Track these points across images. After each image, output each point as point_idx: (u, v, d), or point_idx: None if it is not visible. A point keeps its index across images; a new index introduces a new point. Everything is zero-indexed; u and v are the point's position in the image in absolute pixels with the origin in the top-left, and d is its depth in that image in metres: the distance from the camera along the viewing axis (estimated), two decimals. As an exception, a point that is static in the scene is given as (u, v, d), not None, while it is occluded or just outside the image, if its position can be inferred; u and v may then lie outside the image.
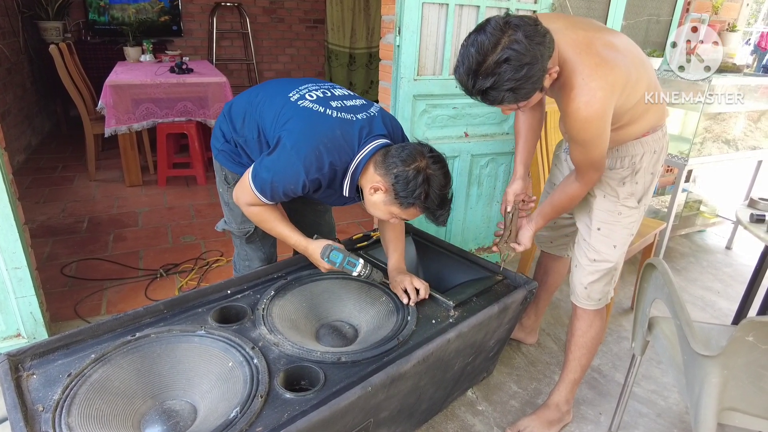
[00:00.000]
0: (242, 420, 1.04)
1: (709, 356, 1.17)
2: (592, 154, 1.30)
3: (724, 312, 2.46)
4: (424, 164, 1.27)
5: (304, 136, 1.29)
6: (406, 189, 1.26)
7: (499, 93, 1.11)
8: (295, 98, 1.38)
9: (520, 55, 1.07)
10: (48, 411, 1.03)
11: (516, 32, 1.07)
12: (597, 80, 1.19)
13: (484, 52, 1.08)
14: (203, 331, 1.29)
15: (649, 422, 1.75)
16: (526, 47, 1.07)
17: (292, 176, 1.29)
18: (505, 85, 1.09)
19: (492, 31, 1.08)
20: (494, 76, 1.09)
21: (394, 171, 1.27)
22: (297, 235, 1.47)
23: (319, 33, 6.20)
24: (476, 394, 1.81)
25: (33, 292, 1.77)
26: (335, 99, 1.39)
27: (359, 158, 1.33)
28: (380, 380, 1.14)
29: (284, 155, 1.29)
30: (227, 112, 1.53)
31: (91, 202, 3.27)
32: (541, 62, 1.10)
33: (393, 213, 1.34)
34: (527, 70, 1.08)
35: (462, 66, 1.13)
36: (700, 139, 2.69)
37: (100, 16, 5.15)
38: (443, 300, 1.51)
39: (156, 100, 3.34)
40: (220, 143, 1.55)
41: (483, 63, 1.09)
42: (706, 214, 3.29)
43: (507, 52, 1.07)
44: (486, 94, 1.13)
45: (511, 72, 1.08)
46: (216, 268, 2.52)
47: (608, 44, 1.25)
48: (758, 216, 1.74)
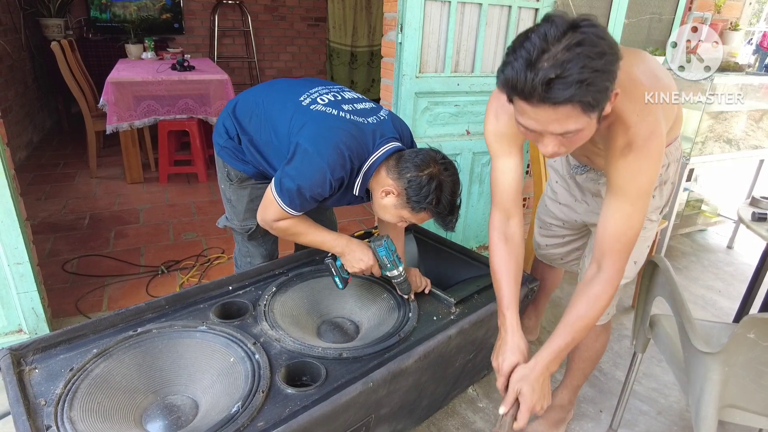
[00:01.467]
0: (244, 415, 1.04)
1: (710, 353, 1.17)
2: (636, 219, 1.06)
3: (725, 311, 2.46)
4: (437, 170, 1.28)
5: (323, 138, 1.29)
6: (419, 194, 1.27)
7: (567, 85, 0.83)
8: (306, 102, 1.38)
9: (596, 40, 0.83)
10: (50, 405, 1.03)
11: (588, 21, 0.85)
12: (652, 114, 1.02)
13: (549, 39, 0.84)
14: (205, 326, 1.29)
15: (649, 420, 1.75)
16: (603, 32, 0.85)
17: (319, 178, 1.29)
18: (577, 74, 0.82)
19: (558, 22, 0.86)
20: (563, 64, 0.82)
21: (407, 176, 1.28)
22: (336, 236, 1.45)
23: (320, 31, 6.19)
24: (477, 391, 1.82)
25: (35, 287, 1.77)
26: (346, 102, 1.40)
27: (374, 158, 1.33)
28: (381, 376, 1.14)
29: (306, 159, 1.29)
30: (231, 110, 1.52)
31: (92, 199, 3.27)
32: (617, 58, 0.86)
33: (403, 216, 1.35)
34: (605, 60, 0.83)
35: (516, 60, 0.86)
36: (702, 139, 2.68)
37: (101, 14, 5.15)
38: (445, 297, 1.51)
39: (157, 98, 3.34)
40: (223, 140, 1.55)
41: (546, 51, 0.84)
42: (708, 214, 3.29)
43: (579, 35, 0.83)
44: (550, 88, 0.84)
45: (584, 58, 0.82)
46: (217, 265, 2.52)
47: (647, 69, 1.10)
48: (760, 215, 1.74)
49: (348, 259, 1.44)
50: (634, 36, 2.75)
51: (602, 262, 1.10)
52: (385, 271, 1.44)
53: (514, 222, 1.24)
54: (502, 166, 1.21)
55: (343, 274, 1.46)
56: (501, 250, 1.24)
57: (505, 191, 1.22)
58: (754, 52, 7.60)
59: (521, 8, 2.26)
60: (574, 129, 0.90)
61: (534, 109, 0.88)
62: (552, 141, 0.93)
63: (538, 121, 0.90)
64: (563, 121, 0.88)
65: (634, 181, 1.04)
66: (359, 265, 1.42)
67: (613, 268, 1.09)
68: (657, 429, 1.71)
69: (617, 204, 1.07)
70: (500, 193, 1.23)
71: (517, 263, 1.24)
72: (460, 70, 2.26)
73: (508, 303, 1.21)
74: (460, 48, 2.22)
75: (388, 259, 1.42)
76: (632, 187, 1.04)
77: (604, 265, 1.10)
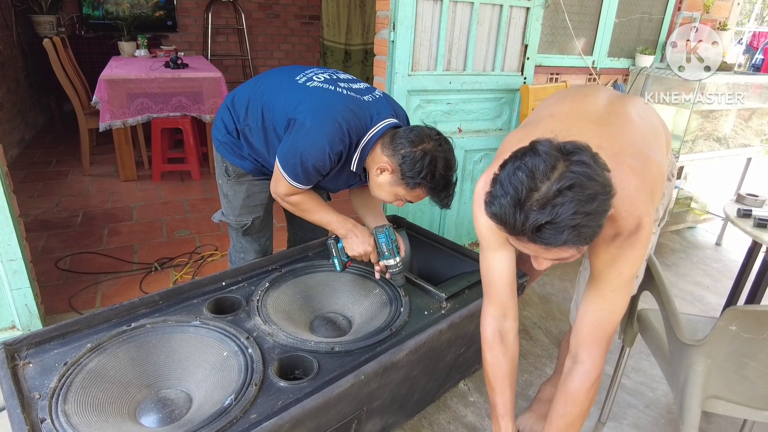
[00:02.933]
0: (237, 407, 1.06)
1: (694, 345, 1.20)
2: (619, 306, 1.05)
3: (713, 306, 2.50)
4: (431, 146, 1.29)
5: (321, 112, 1.31)
6: (413, 169, 1.28)
7: (560, 231, 0.81)
8: (302, 81, 1.40)
9: (587, 182, 0.80)
10: (45, 398, 1.04)
11: (579, 154, 0.82)
12: (641, 206, 0.98)
13: (537, 176, 0.81)
14: (198, 321, 1.30)
15: (637, 413, 1.78)
16: (595, 171, 0.81)
17: (319, 152, 1.31)
18: (570, 220, 0.80)
19: (546, 152, 0.82)
20: (554, 208, 0.80)
21: (401, 152, 1.29)
22: (342, 218, 1.49)
23: (314, 29, 6.19)
24: (468, 385, 1.84)
25: (28, 284, 1.78)
26: (341, 81, 1.42)
27: (372, 133, 1.35)
28: (373, 369, 1.16)
29: (306, 134, 1.31)
30: (230, 103, 1.53)
31: (85, 197, 3.27)
32: (610, 197, 0.84)
33: (398, 194, 1.36)
34: (597, 203, 0.81)
35: (504, 196, 0.84)
36: (692, 137, 2.72)
37: (94, 11, 5.13)
38: (436, 292, 1.53)
39: (151, 95, 3.33)
40: (222, 135, 1.56)
41: (535, 190, 0.81)
42: (697, 211, 3.34)
43: (570, 176, 0.80)
44: (540, 233, 0.82)
45: (576, 203, 0.79)
46: (211, 262, 2.53)
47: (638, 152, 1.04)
48: (745, 211, 1.77)
49: (350, 241, 1.47)
50: (624, 35, 2.78)
51: (579, 353, 1.08)
52: (382, 259, 1.47)
53: (509, 319, 1.20)
54: (495, 258, 1.15)
55: (343, 257, 1.50)
56: (497, 352, 1.19)
57: (499, 284, 1.17)
58: (745, 51, 7.64)
59: (512, 7, 2.28)
60: (568, 256, 0.89)
61: (525, 244, 0.87)
62: (545, 262, 0.93)
63: (529, 250, 0.89)
64: (555, 254, 0.87)
65: (617, 269, 1.02)
66: (359, 248, 1.46)
67: (589, 359, 1.07)
68: (644, 421, 1.75)
69: (598, 292, 1.05)
70: (494, 287, 1.17)
71: (513, 365, 1.19)
72: (452, 68, 2.27)
73: (504, 411, 1.18)
74: (452, 46, 2.23)
75: (387, 247, 1.45)
76: (615, 276, 1.02)
77: (580, 357, 1.08)
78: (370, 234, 1.48)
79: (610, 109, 1.17)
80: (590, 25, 2.60)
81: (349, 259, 1.51)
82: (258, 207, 1.65)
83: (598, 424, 1.72)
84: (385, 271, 1.51)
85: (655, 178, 1.08)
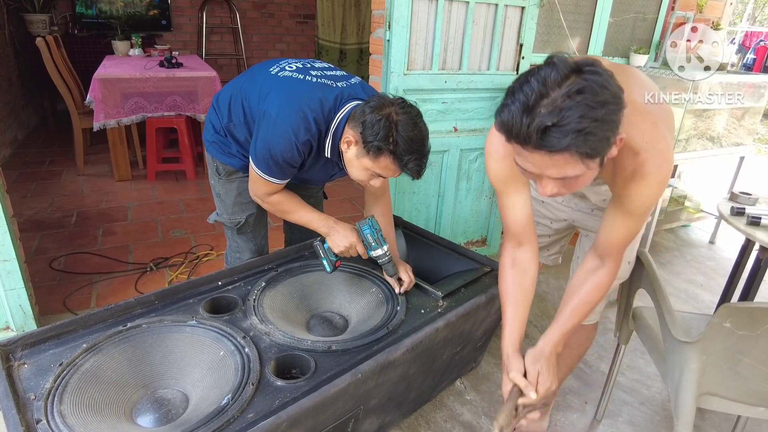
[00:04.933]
0: (234, 407, 1.05)
1: (689, 342, 1.20)
2: (639, 227, 1.13)
3: (707, 304, 2.52)
4: (392, 110, 1.26)
5: (286, 102, 1.31)
6: (372, 133, 1.24)
7: (564, 134, 0.80)
8: (275, 71, 1.41)
9: (598, 89, 0.80)
10: (40, 399, 1.04)
11: (593, 67, 0.82)
12: (661, 141, 1.01)
13: (549, 84, 0.81)
14: (194, 321, 1.30)
15: (632, 410, 1.79)
16: (607, 81, 0.81)
17: (286, 143, 1.31)
18: (575, 124, 0.79)
19: (560, 65, 0.83)
20: (561, 111, 0.79)
21: (361, 119, 1.26)
22: (323, 216, 1.50)
23: (309, 28, 6.18)
24: (464, 384, 1.84)
25: (22, 284, 1.76)
26: (315, 69, 1.43)
27: (340, 116, 1.35)
28: (370, 368, 1.16)
29: (271, 124, 1.32)
30: (215, 103, 1.55)
31: (79, 197, 3.25)
32: (621, 107, 0.83)
33: (366, 167, 1.31)
34: (606, 110, 0.80)
35: (514, 102, 0.84)
36: (686, 136, 2.74)
37: (87, 9, 5.10)
38: (432, 291, 1.53)
39: (145, 95, 3.32)
40: (210, 135, 1.58)
41: (545, 96, 0.81)
42: (691, 210, 3.36)
43: (581, 83, 0.80)
44: (545, 136, 0.81)
45: (584, 107, 0.79)
46: (206, 261, 2.53)
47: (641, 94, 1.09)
48: (738, 209, 1.78)
49: (333, 238, 1.46)
50: (618, 34, 2.80)
51: (605, 259, 1.17)
52: (369, 251, 1.47)
53: (525, 247, 1.23)
54: (509, 203, 1.20)
55: (331, 257, 1.49)
56: (507, 277, 1.24)
57: (515, 222, 1.21)
58: (737, 51, 7.73)
59: (507, 6, 2.29)
60: (573, 175, 0.87)
61: (530, 154, 0.86)
62: (550, 183, 0.91)
63: (534, 165, 0.88)
64: (560, 167, 0.86)
65: (642, 203, 1.06)
66: (344, 243, 1.45)
67: (615, 263, 1.18)
68: (640, 419, 1.76)
69: (623, 219, 1.10)
70: (510, 224, 1.22)
71: (523, 292, 1.23)
72: (447, 67, 2.28)
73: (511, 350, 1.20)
74: (448, 45, 2.24)
75: (372, 238, 1.44)
76: (640, 208, 1.07)
77: (607, 262, 1.17)
78: (352, 228, 1.47)
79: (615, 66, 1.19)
80: (585, 25, 2.62)
81: (338, 258, 1.50)
82: (251, 204, 1.66)
83: (594, 421, 1.73)
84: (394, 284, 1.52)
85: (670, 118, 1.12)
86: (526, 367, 1.15)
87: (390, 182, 2.32)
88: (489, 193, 2.62)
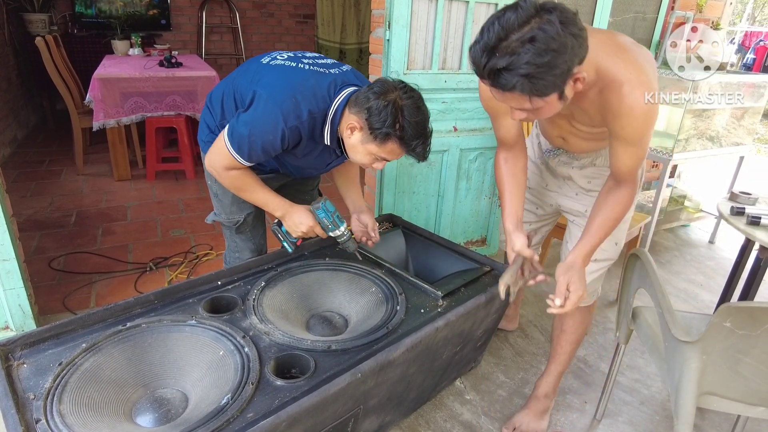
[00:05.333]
0: (233, 406, 1.05)
1: (689, 342, 1.20)
2: (643, 152, 1.20)
3: (707, 304, 2.52)
4: (396, 95, 1.28)
5: (279, 86, 1.31)
6: (380, 119, 1.26)
7: (512, 77, 0.94)
8: (266, 61, 1.43)
9: (548, 38, 0.91)
10: (39, 399, 1.03)
11: (551, 14, 0.93)
12: (643, 73, 1.10)
13: (509, 28, 0.93)
14: (194, 320, 1.29)
15: (632, 410, 1.79)
16: (557, 31, 0.92)
17: (271, 126, 1.30)
18: (522, 68, 0.92)
19: (524, 9, 0.93)
20: (512, 56, 0.93)
21: (366, 106, 1.28)
22: (278, 199, 1.50)
23: (309, 28, 6.18)
24: (464, 383, 1.84)
25: (21, 284, 1.76)
26: (306, 58, 1.44)
27: (336, 104, 1.35)
28: (369, 367, 1.16)
29: (261, 106, 1.31)
30: (209, 103, 1.55)
31: (79, 196, 3.25)
32: (569, 55, 0.94)
33: (371, 152, 1.34)
34: (552, 57, 0.92)
35: (479, 42, 0.97)
36: (685, 136, 2.74)
37: (87, 9, 5.09)
38: (432, 290, 1.53)
39: (145, 94, 3.32)
40: (206, 135, 1.57)
41: (504, 39, 0.93)
42: (690, 209, 3.36)
43: (535, 31, 0.91)
44: (497, 76, 0.96)
45: (532, 54, 0.91)
46: (206, 261, 2.52)
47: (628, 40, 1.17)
48: (738, 209, 1.78)
49: (289, 224, 1.51)
50: (618, 34, 2.79)
51: (621, 183, 1.26)
52: (328, 232, 1.51)
53: (515, 149, 1.40)
54: (499, 125, 1.37)
55: (291, 239, 1.55)
56: (501, 168, 1.42)
57: (505, 138, 1.39)
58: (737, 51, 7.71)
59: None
60: (530, 108, 1.02)
61: (490, 88, 1.01)
62: (516, 111, 1.07)
63: (497, 97, 1.03)
64: (516, 101, 1.01)
65: (635, 133, 1.14)
66: (301, 228, 1.50)
67: (632, 184, 1.26)
68: (640, 418, 1.76)
69: (624, 148, 1.19)
70: (501, 139, 1.40)
71: (514, 175, 1.40)
72: (447, 67, 2.28)
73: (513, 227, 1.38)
74: (448, 45, 2.24)
75: (328, 221, 1.49)
76: (635, 138, 1.15)
77: (622, 184, 1.26)
78: (308, 211, 1.49)
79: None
80: (585, 24, 2.61)
81: (297, 239, 1.55)
82: (248, 203, 1.65)
83: (594, 421, 1.73)
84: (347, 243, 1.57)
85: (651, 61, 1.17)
86: (556, 278, 1.27)
87: (390, 182, 2.32)
88: (489, 193, 2.62)
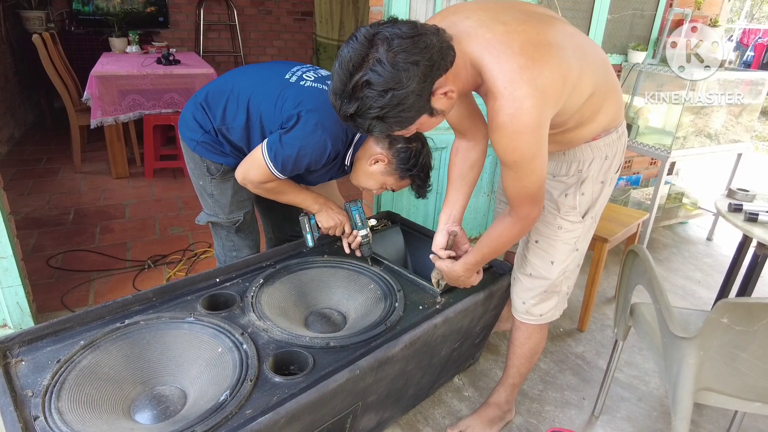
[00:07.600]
0: (232, 403, 1.05)
1: (686, 338, 1.21)
2: (526, 181, 1.10)
3: (705, 300, 2.52)
4: (419, 145, 1.49)
5: (326, 113, 1.37)
6: (408, 163, 1.47)
7: (365, 121, 0.97)
8: (294, 80, 1.44)
9: (382, 80, 0.91)
10: (37, 396, 1.03)
11: (379, 50, 0.91)
12: (523, 87, 0.98)
13: (350, 69, 0.93)
14: (192, 318, 1.29)
15: (630, 406, 1.80)
16: (388, 70, 0.91)
17: (320, 149, 1.40)
18: (371, 112, 0.94)
19: (358, 46, 0.93)
20: (358, 101, 0.94)
21: (397, 146, 1.46)
22: (314, 195, 1.60)
23: (307, 25, 6.16)
24: (463, 380, 1.85)
25: (19, 282, 1.76)
26: (328, 78, 1.43)
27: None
28: (368, 363, 1.16)
29: (309, 131, 1.38)
30: (203, 101, 1.50)
31: (77, 194, 3.24)
32: (415, 83, 0.93)
33: (386, 183, 1.53)
34: (391, 96, 0.92)
35: (330, 87, 0.99)
36: (684, 133, 2.74)
37: (84, 6, 5.07)
38: (430, 287, 1.53)
39: (143, 92, 3.31)
40: (199, 135, 1.52)
41: (348, 82, 0.94)
42: (688, 206, 3.36)
43: (368, 74, 0.92)
44: (353, 121, 0.98)
45: (374, 98, 0.93)
46: (204, 259, 2.52)
47: (534, 39, 1.02)
48: (736, 205, 1.79)
49: (323, 215, 1.60)
50: (616, 31, 2.79)
51: (511, 210, 1.23)
52: (356, 230, 1.61)
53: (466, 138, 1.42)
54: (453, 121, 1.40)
55: (315, 233, 1.62)
56: (450, 162, 1.46)
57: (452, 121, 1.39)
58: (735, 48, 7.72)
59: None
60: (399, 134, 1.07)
61: None
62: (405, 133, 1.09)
63: None
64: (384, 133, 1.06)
65: (503, 154, 1.07)
66: (334, 219, 1.60)
67: (516, 214, 1.21)
68: (637, 414, 1.76)
69: (504, 169, 1.13)
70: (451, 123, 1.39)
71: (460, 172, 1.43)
72: (445, 64, 2.27)
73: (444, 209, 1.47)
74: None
75: (360, 219, 1.61)
76: (505, 159, 1.08)
77: (512, 212, 1.23)
78: (341, 209, 1.64)
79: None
80: (583, 21, 2.61)
81: (320, 235, 1.63)
82: (247, 201, 1.66)
83: (592, 417, 1.73)
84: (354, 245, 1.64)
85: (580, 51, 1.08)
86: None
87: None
88: (487, 191, 2.62)
